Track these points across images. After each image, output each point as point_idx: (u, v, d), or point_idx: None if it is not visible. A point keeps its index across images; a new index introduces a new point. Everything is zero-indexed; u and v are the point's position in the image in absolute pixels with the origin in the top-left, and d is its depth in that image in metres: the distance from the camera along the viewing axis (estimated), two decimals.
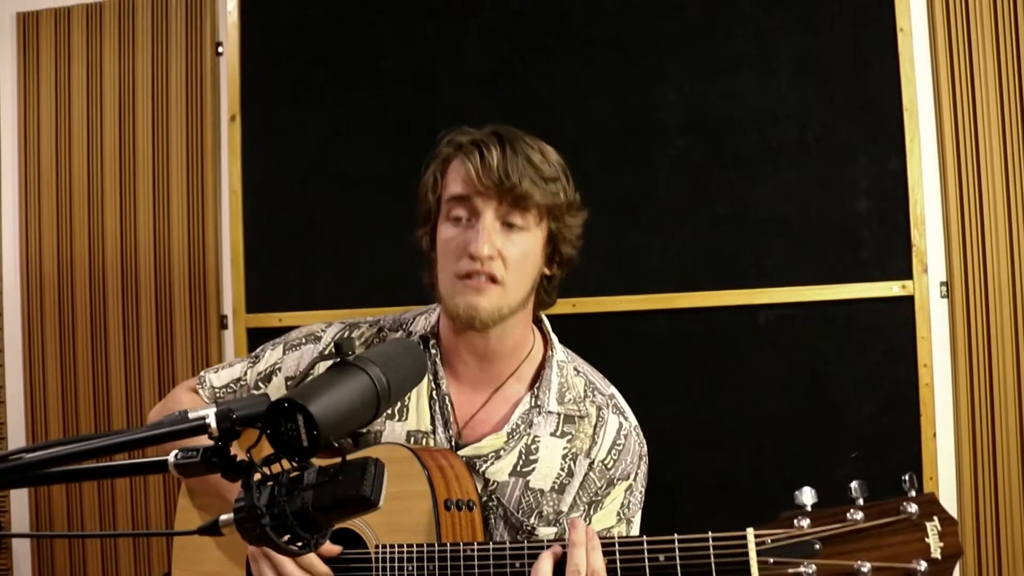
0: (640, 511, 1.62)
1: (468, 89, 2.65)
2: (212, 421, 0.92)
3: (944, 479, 2.41)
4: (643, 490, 1.62)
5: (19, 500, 3.02)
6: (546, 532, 1.54)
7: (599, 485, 1.56)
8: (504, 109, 2.61)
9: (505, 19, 2.64)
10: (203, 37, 2.86)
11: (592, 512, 1.56)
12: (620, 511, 1.57)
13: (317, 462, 0.95)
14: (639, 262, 2.55)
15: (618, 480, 1.57)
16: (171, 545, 1.67)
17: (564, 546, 1.32)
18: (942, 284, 2.43)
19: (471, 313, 1.46)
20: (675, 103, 2.54)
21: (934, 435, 2.40)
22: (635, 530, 1.60)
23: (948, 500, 2.40)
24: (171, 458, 0.95)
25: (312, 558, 1.43)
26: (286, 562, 1.42)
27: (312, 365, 1.55)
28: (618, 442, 1.58)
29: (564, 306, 2.52)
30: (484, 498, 1.53)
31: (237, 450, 0.94)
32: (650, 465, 1.65)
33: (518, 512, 1.53)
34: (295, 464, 0.95)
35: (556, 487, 1.54)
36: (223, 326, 2.85)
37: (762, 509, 1.30)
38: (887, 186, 2.43)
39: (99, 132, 2.94)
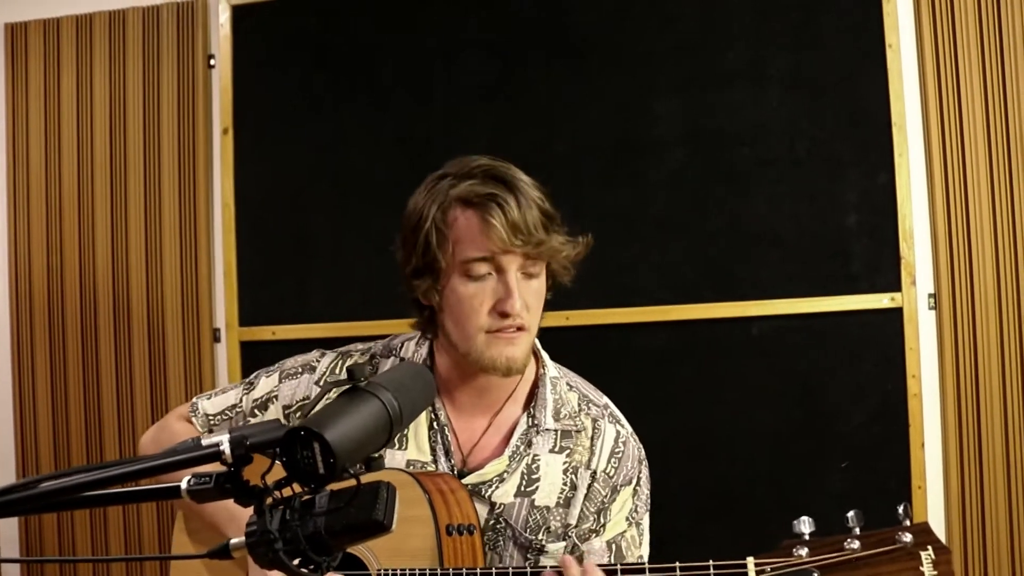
0: (648, 513, 1.64)
1: (464, 103, 2.66)
2: (226, 448, 0.93)
3: (932, 488, 2.44)
4: (648, 493, 1.64)
5: (8, 521, 3.00)
6: (555, 547, 1.55)
7: (604, 494, 1.57)
8: (500, 123, 2.63)
9: (501, 33, 2.66)
10: (195, 49, 2.86)
11: (602, 520, 1.57)
12: (629, 515, 1.59)
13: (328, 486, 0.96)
14: (633, 275, 2.57)
15: (621, 486, 1.58)
16: (167, 570, 1.67)
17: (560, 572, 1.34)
18: (930, 296, 2.46)
19: (510, 364, 1.48)
20: (669, 117, 2.56)
21: (922, 444, 2.43)
22: (645, 532, 1.62)
23: (935, 509, 2.44)
24: (184, 484, 0.95)
25: None
26: None
27: (326, 391, 1.55)
28: (616, 450, 1.59)
29: (558, 319, 2.54)
30: (492, 521, 1.54)
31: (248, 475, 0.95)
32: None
33: (526, 531, 1.54)
34: (308, 488, 0.96)
35: (561, 502, 1.56)
36: (216, 339, 2.84)
37: (756, 519, 1.32)
38: (876, 200, 2.46)
39: (89, 144, 2.93)
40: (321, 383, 1.61)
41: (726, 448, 2.52)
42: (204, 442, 0.95)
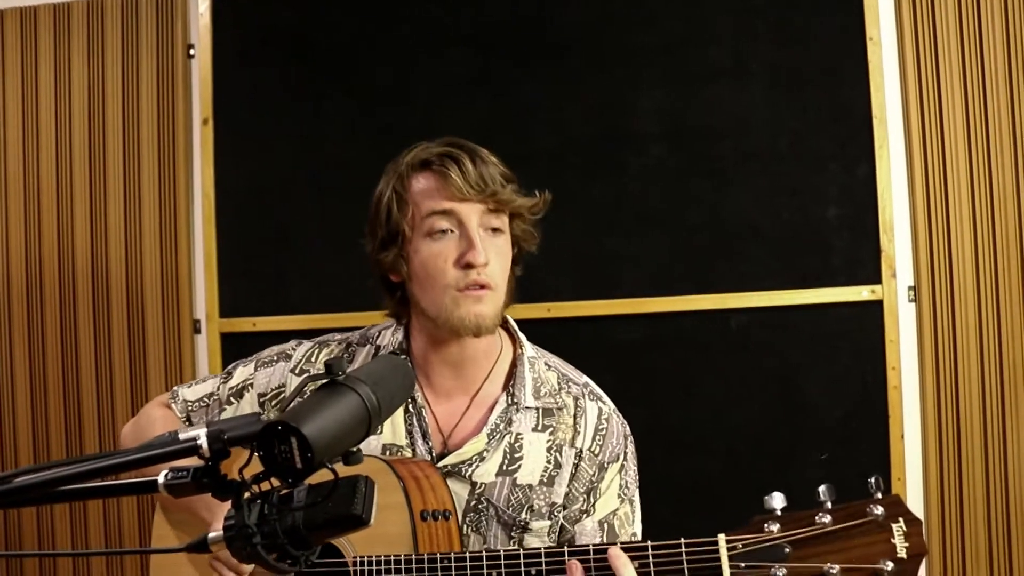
0: (638, 488, 1.64)
1: (444, 97, 2.65)
2: (204, 442, 0.92)
3: (911, 480, 2.46)
4: (635, 467, 1.64)
5: None
6: (540, 525, 1.55)
7: (591, 473, 1.58)
8: (480, 117, 2.62)
9: (482, 28, 2.65)
10: (174, 39, 2.83)
11: (593, 499, 1.58)
12: (620, 492, 1.60)
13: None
14: (614, 268, 2.57)
15: (609, 463, 1.59)
16: (147, 561, 1.66)
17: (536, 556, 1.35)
18: (910, 289, 2.48)
19: (479, 322, 1.48)
20: (650, 112, 2.56)
21: (902, 436, 2.45)
22: (637, 508, 1.63)
23: (915, 500, 2.46)
24: (161, 478, 0.95)
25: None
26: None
27: (303, 385, 1.55)
28: (600, 427, 1.60)
29: (539, 311, 2.54)
30: (474, 501, 1.54)
31: (226, 468, 0.95)
32: None
33: (508, 508, 1.54)
34: (286, 483, 0.95)
35: (545, 480, 1.56)
36: (196, 331, 2.83)
37: (734, 511, 1.32)
38: (857, 193, 2.47)
39: (67, 134, 2.90)
40: (297, 371, 1.62)
41: (704, 441, 2.53)
42: (181, 436, 0.94)
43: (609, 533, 1.56)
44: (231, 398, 1.64)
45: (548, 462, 1.57)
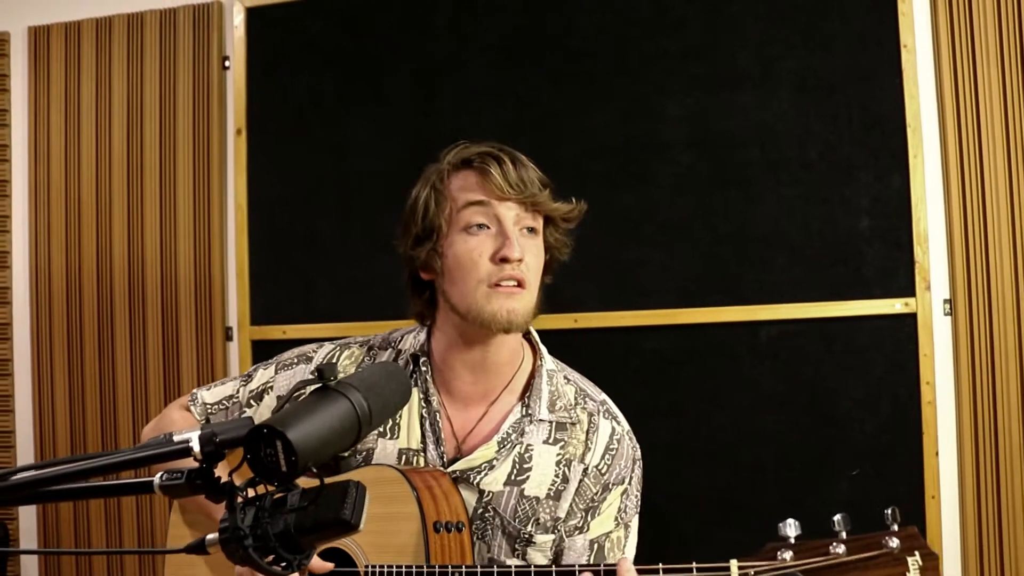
0: (637, 515, 1.63)
1: (471, 105, 2.67)
2: (195, 444, 0.94)
3: (946, 498, 2.40)
4: (639, 493, 1.63)
5: (27, 515, 3.06)
6: (544, 539, 1.54)
7: (595, 491, 1.56)
8: (506, 125, 2.63)
9: (508, 36, 2.66)
10: (210, 51, 2.89)
11: (590, 518, 1.56)
12: (618, 516, 1.58)
13: (304, 483, 0.97)
14: (641, 278, 2.55)
15: (613, 485, 1.57)
16: (164, 562, 1.69)
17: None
18: (945, 302, 2.42)
19: (510, 318, 1.48)
20: (677, 120, 2.54)
21: (936, 453, 2.39)
22: (632, 535, 1.61)
23: (950, 519, 2.39)
24: (157, 479, 0.96)
25: None
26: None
27: (296, 389, 1.56)
28: (611, 447, 1.58)
29: (566, 321, 2.54)
30: (480, 509, 1.54)
31: (223, 472, 0.96)
32: (649, 480, 1.65)
33: (514, 520, 1.53)
34: (276, 486, 0.96)
35: (551, 494, 1.55)
36: (228, 338, 2.88)
37: (761, 526, 1.30)
38: (889, 203, 2.42)
39: (107, 145, 2.98)
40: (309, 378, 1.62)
41: (733, 454, 2.49)
42: (175, 438, 0.96)
43: (597, 554, 1.55)
44: (251, 400, 1.65)
45: (556, 476, 1.56)
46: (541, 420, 1.57)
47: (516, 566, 1.39)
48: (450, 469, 1.55)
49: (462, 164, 1.53)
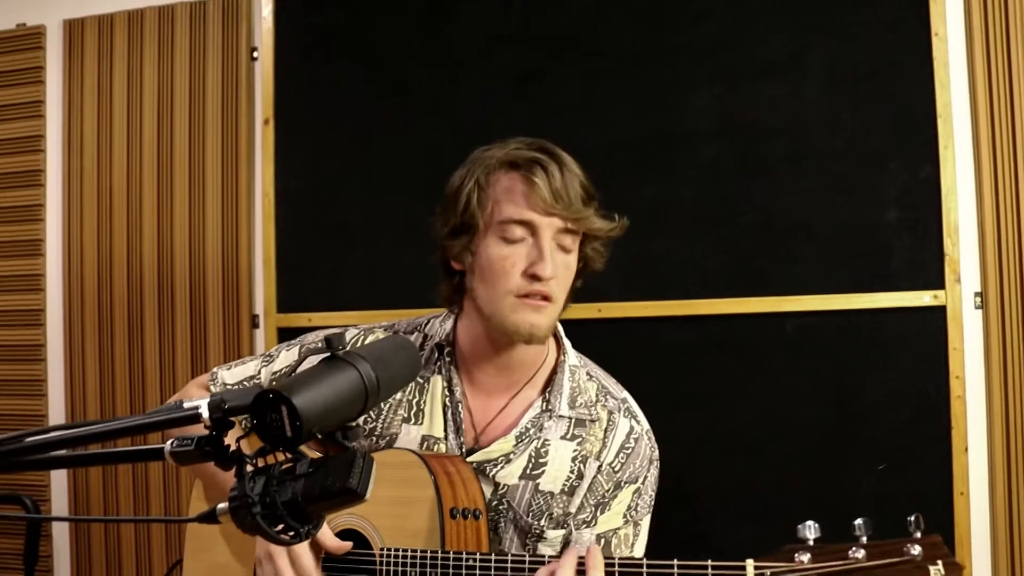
0: (649, 515, 1.61)
1: (496, 95, 2.67)
2: (205, 411, 0.94)
3: (975, 495, 2.35)
4: (653, 494, 1.61)
5: (59, 488, 3.12)
6: (554, 534, 1.54)
7: (606, 488, 1.56)
8: (531, 115, 2.62)
9: (532, 26, 2.66)
10: (239, 42, 2.93)
11: (599, 513, 1.56)
12: (627, 513, 1.57)
13: (314, 454, 0.97)
14: (664, 269, 2.54)
15: (626, 483, 1.57)
16: (185, 534, 1.71)
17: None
18: (976, 295, 2.38)
19: (532, 332, 1.48)
20: (702, 110, 2.52)
21: (965, 449, 2.35)
22: (642, 534, 1.60)
23: (979, 516, 2.35)
24: (167, 446, 0.97)
25: (310, 566, 1.45)
26: (286, 568, 1.45)
27: (303, 359, 1.57)
28: (627, 445, 1.57)
29: (589, 311, 2.53)
30: (495, 502, 1.54)
31: (235, 441, 0.97)
32: (672, 472, 1.64)
33: (528, 515, 1.53)
34: (288, 456, 0.97)
35: (566, 489, 1.54)
36: (255, 325, 2.91)
37: (784, 522, 1.29)
38: (919, 194, 2.38)
39: (139, 135, 3.02)
40: (318, 348, 1.63)
41: (756, 448, 2.47)
42: (185, 404, 0.97)
43: (604, 550, 1.53)
44: (272, 382, 1.65)
45: (571, 472, 1.55)
46: (561, 416, 1.56)
47: (530, 556, 1.39)
48: (468, 460, 1.55)
49: (510, 165, 1.49)
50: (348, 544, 1.49)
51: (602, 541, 1.55)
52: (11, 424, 3.09)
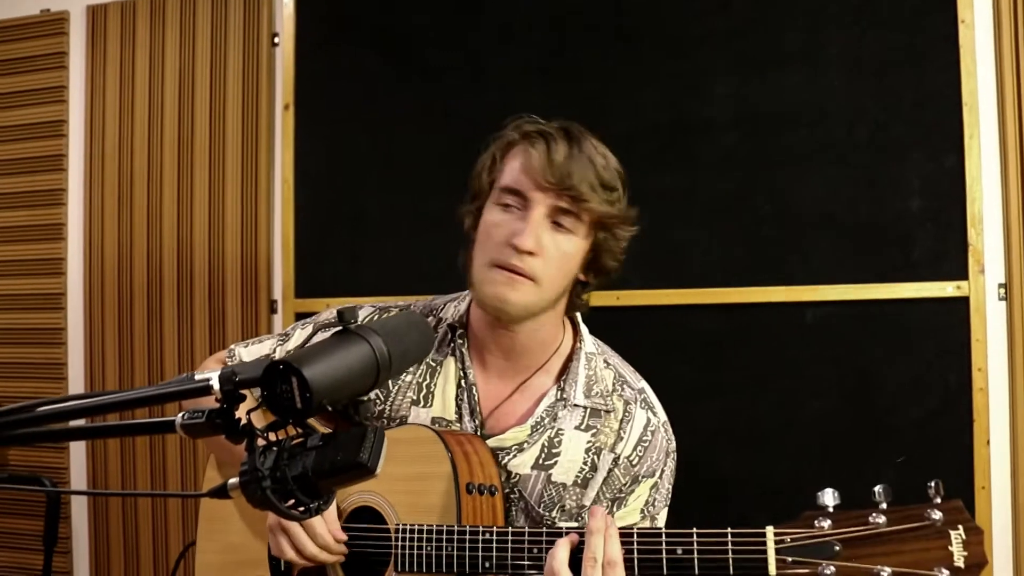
0: (666, 508, 1.59)
1: (517, 82, 2.66)
2: (216, 383, 0.94)
3: (997, 488, 2.32)
4: (670, 487, 1.59)
5: (78, 468, 3.14)
6: (566, 526, 1.51)
7: (624, 482, 1.53)
8: (552, 102, 2.56)
9: (555, 13, 2.64)
10: (260, 28, 2.93)
11: (616, 508, 1.53)
12: (644, 508, 1.55)
13: (326, 429, 0.97)
14: (685, 257, 2.52)
15: (643, 477, 1.54)
16: (199, 515, 1.72)
17: (582, 534, 1.31)
18: (1000, 286, 2.34)
19: (498, 305, 1.44)
20: (724, 99, 2.50)
21: (988, 442, 2.32)
22: (660, 526, 1.57)
23: (1001, 510, 2.32)
24: (179, 419, 0.97)
25: (326, 535, 1.45)
26: (301, 535, 1.44)
27: (316, 333, 1.56)
28: (644, 438, 1.54)
29: (608, 298, 2.51)
30: (506, 490, 1.52)
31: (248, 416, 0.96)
32: (691, 462, 1.63)
33: (539, 506, 1.52)
34: (298, 430, 0.96)
35: (579, 481, 1.52)
36: (272, 310, 2.92)
37: (805, 510, 1.27)
38: (942, 184, 2.35)
39: (159, 120, 3.04)
40: (330, 322, 1.62)
41: (775, 438, 2.45)
42: (196, 376, 0.96)
43: None
44: None
45: (584, 463, 1.53)
46: (576, 405, 1.53)
47: (547, 529, 1.37)
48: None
49: (524, 136, 1.48)
50: (343, 536, 1.48)
51: None
52: None
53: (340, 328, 0.99)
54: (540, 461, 1.52)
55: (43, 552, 2.92)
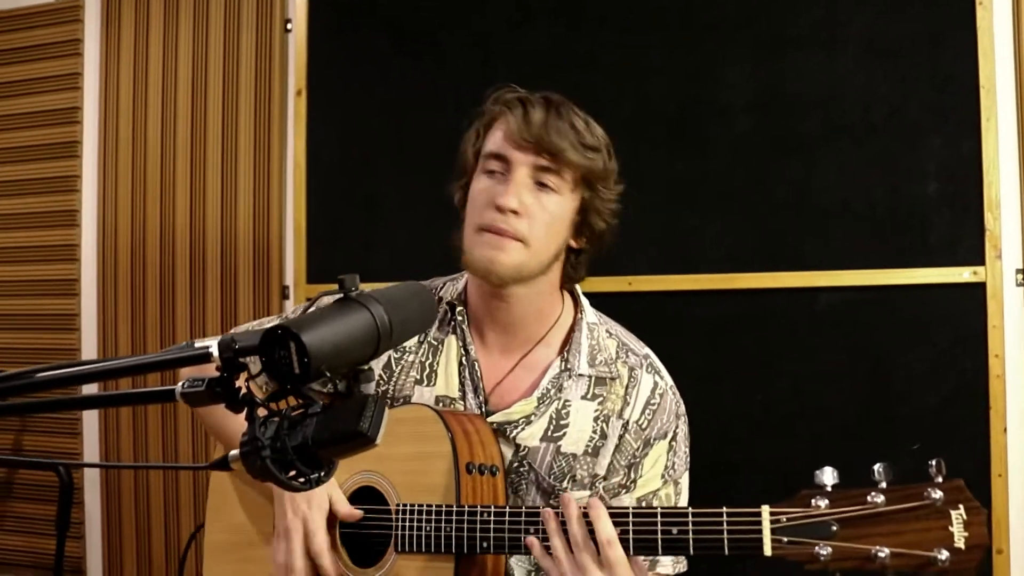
0: (687, 472, 1.58)
1: (528, 66, 2.64)
2: (215, 350, 0.94)
3: (1015, 477, 2.29)
4: (687, 450, 1.58)
5: (91, 456, 3.17)
6: (579, 496, 1.51)
7: (635, 447, 1.52)
8: (563, 87, 2.55)
9: None
10: (272, 14, 2.93)
11: (633, 476, 1.53)
12: (664, 472, 1.54)
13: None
14: (696, 243, 2.50)
15: (655, 440, 1.53)
16: (207, 496, 1.72)
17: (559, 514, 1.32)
18: (1018, 271, 2.31)
19: (487, 266, 1.45)
20: (736, 83, 2.48)
21: (1004, 429, 2.29)
22: (683, 491, 1.57)
23: (1018, 499, 2.29)
24: (179, 387, 0.97)
25: (323, 548, 1.46)
26: (298, 552, 1.46)
27: (316, 299, 1.56)
28: (652, 401, 1.54)
29: (620, 284, 2.50)
30: (516, 464, 1.52)
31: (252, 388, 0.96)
32: (704, 448, 1.62)
33: (550, 477, 1.51)
34: (300, 401, 0.96)
35: (589, 450, 1.52)
36: (284, 296, 2.92)
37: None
38: (959, 168, 2.32)
39: (173, 106, 3.05)
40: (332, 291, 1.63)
41: (787, 424, 2.42)
42: (196, 344, 0.96)
43: None
44: None
45: (594, 432, 1.52)
46: (580, 375, 1.53)
47: (545, 508, 1.36)
48: (487, 421, 1.53)
49: (505, 105, 1.52)
50: (359, 513, 1.48)
51: (643, 504, 1.52)
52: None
53: (340, 296, 0.98)
54: (549, 433, 1.52)
55: (56, 537, 2.94)
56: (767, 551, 1.20)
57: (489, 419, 1.53)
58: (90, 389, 2.47)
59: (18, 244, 3.21)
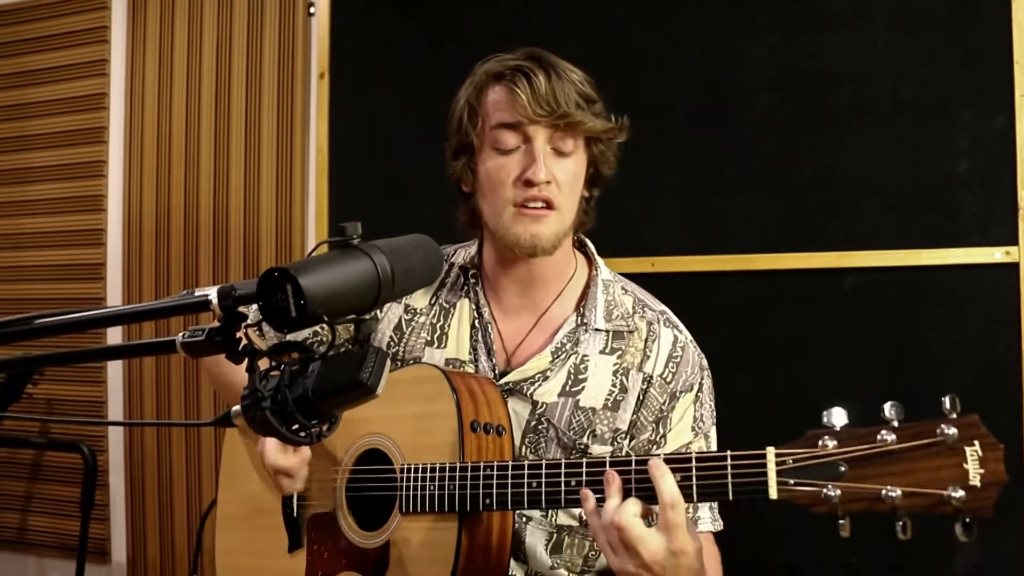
0: (714, 426, 1.57)
1: (551, 46, 2.58)
2: (214, 298, 0.93)
3: None
4: (712, 403, 1.58)
5: (115, 439, 3.19)
6: (600, 450, 1.50)
7: (662, 401, 1.52)
8: (585, 66, 2.55)
9: None
10: None
11: (662, 430, 1.52)
12: (694, 425, 1.53)
13: None
14: (721, 222, 2.46)
15: (681, 392, 1.53)
16: (219, 469, 1.72)
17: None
18: None
19: (534, 242, 1.46)
20: (762, 60, 2.43)
21: None
22: (713, 443, 1.56)
23: None
24: (179, 337, 0.96)
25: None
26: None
27: (316, 247, 1.54)
28: (675, 354, 1.54)
29: (642, 264, 2.47)
30: (533, 422, 1.51)
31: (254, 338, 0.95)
32: (728, 430, 1.59)
33: (569, 431, 1.50)
34: (301, 355, 0.94)
35: (609, 404, 1.51)
36: None
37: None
38: (991, 145, 2.26)
39: (197, 91, 3.06)
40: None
41: (814, 407, 2.33)
42: (196, 292, 0.95)
43: None
44: None
45: (613, 386, 1.52)
46: (597, 329, 1.53)
47: (547, 461, 1.33)
48: (502, 381, 1.52)
49: (496, 78, 1.51)
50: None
51: None
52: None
53: (341, 242, 0.97)
54: (567, 388, 1.51)
55: (80, 518, 2.96)
56: (772, 494, 1.15)
57: (506, 378, 1.52)
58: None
59: (45, 229, 3.24)
